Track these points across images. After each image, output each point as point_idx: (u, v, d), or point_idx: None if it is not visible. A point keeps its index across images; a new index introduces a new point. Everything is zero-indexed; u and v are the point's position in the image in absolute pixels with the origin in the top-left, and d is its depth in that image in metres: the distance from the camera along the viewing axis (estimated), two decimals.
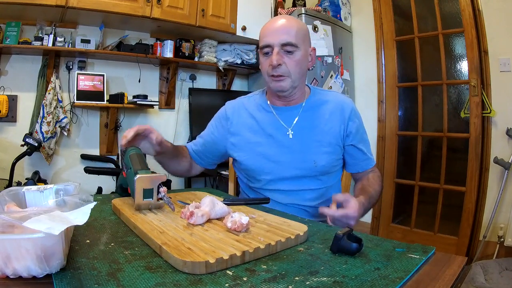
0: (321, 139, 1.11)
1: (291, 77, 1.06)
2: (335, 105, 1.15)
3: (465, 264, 0.61)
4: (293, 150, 1.10)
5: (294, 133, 1.11)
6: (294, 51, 1.04)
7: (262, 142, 1.13)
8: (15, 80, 2.21)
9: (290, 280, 0.51)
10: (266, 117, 1.15)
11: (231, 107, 1.23)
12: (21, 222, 0.46)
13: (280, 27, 1.05)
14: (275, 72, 1.05)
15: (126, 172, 0.87)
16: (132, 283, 0.48)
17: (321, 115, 1.13)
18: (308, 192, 1.12)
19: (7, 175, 2.01)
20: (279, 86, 1.07)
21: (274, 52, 1.04)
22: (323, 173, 1.12)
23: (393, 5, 2.83)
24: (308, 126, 1.12)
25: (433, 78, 2.65)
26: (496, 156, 2.29)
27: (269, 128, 1.13)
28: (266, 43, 1.06)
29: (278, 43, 1.03)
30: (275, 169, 1.11)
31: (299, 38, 1.05)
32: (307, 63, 1.11)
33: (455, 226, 2.47)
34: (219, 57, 2.82)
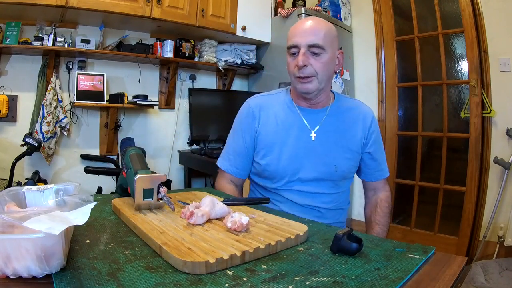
0: (343, 145, 1.13)
1: (317, 78, 1.06)
2: (358, 113, 1.17)
3: (465, 264, 0.61)
4: (316, 153, 1.11)
5: (317, 136, 1.11)
6: (321, 53, 1.04)
7: (285, 142, 1.12)
8: (15, 80, 2.21)
9: (290, 280, 0.51)
10: (290, 117, 1.14)
11: (256, 104, 1.19)
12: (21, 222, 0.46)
13: (308, 29, 1.04)
14: (301, 74, 1.05)
15: (126, 172, 0.88)
16: (132, 283, 0.48)
17: (345, 121, 1.15)
18: (324, 196, 1.13)
19: (7, 175, 2.01)
20: (305, 88, 1.07)
21: (300, 53, 1.03)
22: (341, 178, 1.14)
23: (393, 5, 2.84)
24: (331, 130, 1.13)
25: (433, 78, 2.66)
26: (496, 156, 2.29)
27: (293, 128, 1.13)
28: (293, 43, 1.05)
29: (305, 44, 1.03)
30: (296, 170, 1.11)
31: (327, 41, 1.04)
32: (334, 66, 1.10)
33: (455, 226, 2.48)
34: (219, 57, 2.82)
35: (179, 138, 2.88)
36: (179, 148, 2.86)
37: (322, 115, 1.13)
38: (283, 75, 2.81)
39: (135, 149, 0.90)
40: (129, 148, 0.91)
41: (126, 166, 0.87)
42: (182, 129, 2.89)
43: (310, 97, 1.11)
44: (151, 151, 2.72)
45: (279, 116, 1.15)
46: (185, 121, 2.88)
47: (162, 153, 2.81)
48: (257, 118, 1.16)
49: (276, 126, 1.14)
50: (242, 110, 1.22)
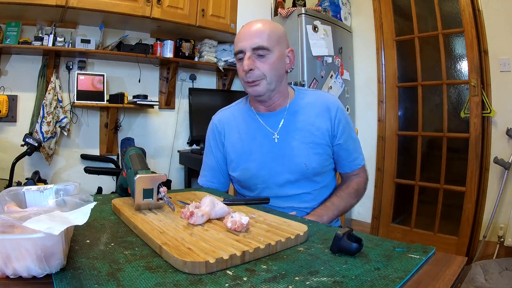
0: (310, 141, 1.10)
1: (266, 80, 1.05)
2: (320, 104, 1.13)
3: (465, 264, 0.61)
4: (282, 155, 1.10)
5: (280, 137, 1.10)
6: (267, 54, 1.03)
7: (251, 151, 1.13)
8: (15, 80, 2.21)
9: (290, 280, 0.51)
10: (252, 124, 1.15)
11: (219, 120, 1.22)
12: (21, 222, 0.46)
13: (251, 32, 1.04)
14: (248, 78, 1.05)
15: (126, 172, 0.88)
16: (132, 283, 0.48)
17: (307, 117, 1.12)
18: (304, 195, 1.12)
19: (7, 175, 2.01)
20: (254, 90, 1.07)
21: (245, 57, 1.03)
22: (316, 174, 1.11)
23: (393, 5, 2.84)
24: (294, 129, 1.11)
25: (433, 78, 2.66)
26: (496, 156, 2.29)
27: (256, 134, 1.13)
28: (238, 48, 1.06)
29: (249, 47, 1.03)
30: (267, 177, 1.11)
31: (271, 41, 1.04)
32: (284, 65, 1.09)
33: (455, 226, 2.48)
34: (219, 57, 2.82)
35: (179, 138, 2.88)
36: (179, 148, 2.86)
37: (281, 115, 1.12)
38: None
39: (135, 149, 0.90)
40: (129, 148, 0.91)
41: (126, 166, 0.87)
42: (182, 129, 2.89)
43: (263, 99, 1.10)
44: (151, 151, 2.72)
45: (241, 127, 1.16)
46: (185, 121, 2.88)
47: (162, 153, 2.81)
48: (222, 134, 1.19)
49: (240, 137, 1.15)
50: (209, 127, 1.25)
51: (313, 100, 1.14)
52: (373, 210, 2.93)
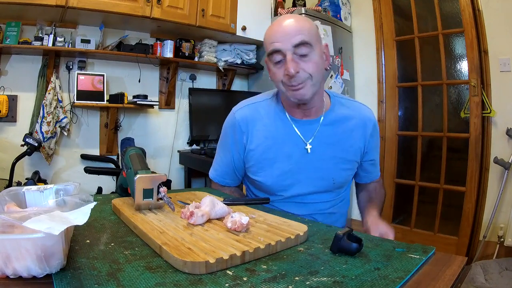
0: (341, 156, 1.04)
1: (312, 80, 0.93)
2: (358, 120, 1.07)
3: (465, 264, 0.61)
4: (312, 167, 1.03)
5: (312, 148, 1.02)
6: (310, 52, 0.91)
7: (277, 157, 1.03)
8: (15, 80, 2.21)
9: (290, 280, 0.51)
10: (282, 128, 1.04)
11: (243, 118, 1.07)
12: (21, 222, 0.46)
13: (289, 28, 0.91)
14: (294, 82, 0.92)
15: (126, 172, 0.88)
16: (132, 283, 0.48)
17: (342, 131, 1.05)
18: (323, 204, 1.10)
19: (7, 175, 2.01)
20: (299, 94, 0.94)
21: (287, 59, 0.90)
22: (340, 187, 1.11)
23: (393, 5, 2.84)
24: (328, 142, 1.03)
25: (433, 78, 2.66)
26: (496, 156, 2.29)
27: (286, 141, 1.03)
28: (275, 48, 0.91)
29: (291, 46, 0.89)
30: (292, 186, 1.04)
31: (312, 36, 0.92)
32: (324, 63, 0.98)
33: (455, 226, 2.48)
34: (219, 57, 2.82)
35: (179, 138, 2.88)
36: (179, 148, 2.86)
37: (317, 124, 1.03)
38: None
39: (135, 149, 0.90)
40: (129, 148, 0.91)
41: (126, 166, 0.87)
42: (182, 129, 2.89)
43: (305, 102, 0.99)
44: (151, 151, 2.72)
45: (270, 129, 1.04)
46: (185, 121, 2.88)
47: (162, 153, 2.81)
48: (245, 133, 1.06)
49: (267, 140, 1.04)
50: (229, 123, 1.11)
51: (350, 113, 1.07)
52: None
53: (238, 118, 1.08)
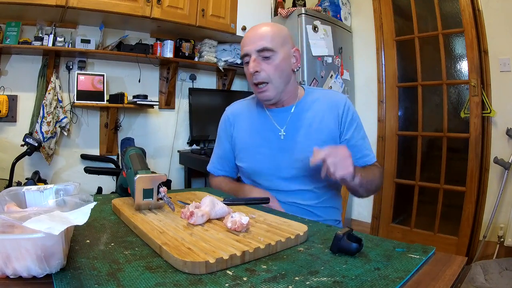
0: (316, 137, 1.11)
1: (272, 83, 1.07)
2: (328, 102, 1.14)
3: (465, 264, 0.61)
4: (288, 150, 1.12)
5: (286, 134, 1.13)
6: (271, 55, 1.05)
7: (258, 144, 1.16)
8: (15, 80, 2.21)
9: (290, 280, 0.51)
10: (261, 119, 1.18)
11: (231, 112, 1.27)
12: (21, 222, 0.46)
13: (255, 35, 1.07)
14: (255, 80, 1.08)
15: (126, 172, 0.88)
16: (132, 283, 0.48)
17: (314, 114, 1.13)
18: (307, 192, 1.13)
19: (7, 175, 2.01)
20: (263, 96, 1.10)
21: (251, 60, 1.06)
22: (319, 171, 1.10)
23: (393, 5, 2.84)
24: (301, 125, 1.13)
25: (433, 78, 2.66)
26: (496, 156, 2.29)
27: (264, 129, 1.16)
28: (244, 52, 1.09)
29: (254, 50, 1.06)
30: (273, 170, 1.13)
31: (275, 42, 1.06)
32: (290, 65, 1.11)
33: (455, 226, 2.48)
34: (219, 57, 2.82)
35: (179, 138, 2.88)
36: (179, 148, 2.86)
37: (289, 112, 1.15)
38: None
39: (135, 149, 0.90)
40: (129, 148, 0.91)
41: (126, 166, 0.87)
42: (182, 129, 2.89)
43: (272, 103, 1.14)
44: (151, 151, 2.72)
45: (252, 120, 1.20)
46: (185, 121, 2.88)
47: (162, 153, 2.81)
48: (232, 125, 1.24)
49: (250, 130, 1.20)
50: (222, 118, 1.30)
51: (321, 97, 1.16)
52: (373, 210, 2.93)
53: (228, 113, 1.29)
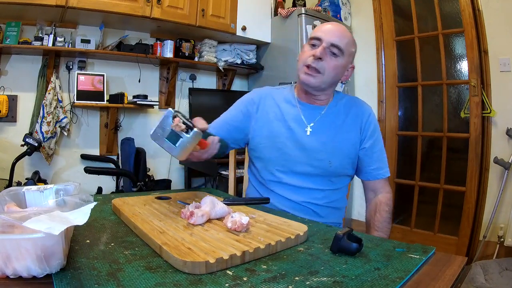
0: (339, 141, 1.13)
1: (323, 76, 1.07)
2: (355, 110, 1.18)
3: (465, 264, 0.61)
4: (310, 147, 1.12)
5: (312, 131, 1.13)
6: (339, 56, 1.06)
7: (281, 133, 1.14)
8: (15, 80, 2.21)
9: (290, 280, 0.51)
10: (290, 110, 1.16)
11: (258, 93, 1.23)
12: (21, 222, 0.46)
13: (336, 30, 1.08)
14: (313, 63, 1.06)
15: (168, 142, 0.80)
16: (132, 283, 0.48)
17: (341, 118, 1.16)
18: (318, 192, 1.13)
19: (7, 175, 2.01)
20: (308, 79, 1.08)
21: (321, 46, 1.05)
22: (336, 174, 1.13)
23: (393, 5, 2.84)
24: (327, 127, 1.14)
25: (433, 78, 2.66)
26: (496, 156, 2.29)
27: (291, 120, 1.15)
28: (317, 35, 1.07)
29: (328, 41, 1.05)
30: (289, 162, 1.12)
31: (347, 48, 1.08)
32: (343, 74, 1.12)
33: (455, 226, 2.47)
34: (219, 57, 2.82)
35: None
36: None
37: (320, 111, 1.15)
38: (283, 75, 2.81)
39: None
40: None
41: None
42: None
43: (310, 91, 1.12)
44: (151, 151, 2.72)
45: (279, 109, 1.17)
46: None
47: (162, 153, 2.81)
48: (256, 104, 1.20)
49: (274, 116, 1.17)
50: (246, 95, 1.26)
51: (349, 104, 1.19)
52: None
53: (254, 94, 1.24)
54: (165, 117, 0.78)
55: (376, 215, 1.15)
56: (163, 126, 0.77)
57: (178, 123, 0.76)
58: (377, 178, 1.18)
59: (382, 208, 1.15)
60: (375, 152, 1.17)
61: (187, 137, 0.77)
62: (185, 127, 0.77)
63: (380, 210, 1.15)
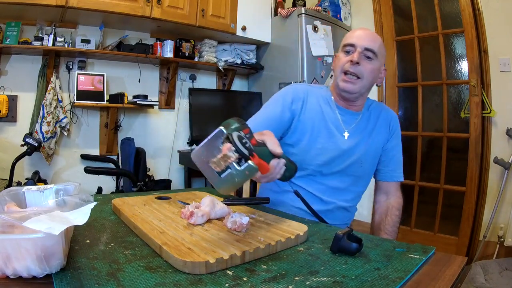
0: (370, 144, 1.17)
1: (362, 81, 1.09)
2: (385, 115, 1.22)
3: (465, 264, 0.61)
4: (346, 152, 1.14)
5: (349, 136, 1.15)
6: (373, 59, 1.08)
7: (322, 134, 1.14)
8: (15, 80, 2.21)
9: (290, 280, 0.51)
10: (330, 112, 1.17)
11: (302, 90, 1.19)
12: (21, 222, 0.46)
13: (367, 35, 1.10)
14: (351, 69, 1.07)
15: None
16: (132, 283, 0.48)
17: (373, 123, 1.19)
18: (347, 193, 1.16)
19: (7, 175, 2.01)
20: (348, 86, 1.09)
21: (356, 51, 1.07)
22: (364, 176, 1.18)
23: (393, 5, 2.83)
24: (362, 132, 1.17)
25: (433, 78, 2.66)
26: (496, 156, 2.29)
27: (330, 123, 1.15)
28: (351, 42, 1.09)
29: (362, 45, 1.07)
30: (323, 164, 1.13)
31: (380, 51, 1.10)
32: (377, 77, 1.14)
33: (455, 226, 2.47)
34: (219, 57, 2.82)
35: (179, 138, 2.88)
36: (179, 148, 2.86)
37: (356, 117, 1.17)
38: (283, 75, 2.81)
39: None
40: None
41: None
42: (182, 129, 2.89)
43: (349, 98, 1.14)
44: (151, 151, 2.72)
45: (320, 107, 1.17)
46: (185, 121, 2.87)
47: (162, 153, 2.81)
48: (301, 100, 1.16)
49: (316, 115, 1.15)
50: (285, 90, 1.20)
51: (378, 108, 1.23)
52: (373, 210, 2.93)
53: (299, 88, 1.20)
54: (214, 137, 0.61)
55: (387, 218, 1.20)
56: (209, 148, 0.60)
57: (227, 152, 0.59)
58: (392, 180, 1.24)
59: (393, 213, 1.20)
60: (394, 154, 1.23)
61: (238, 170, 0.59)
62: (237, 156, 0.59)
63: (392, 214, 1.20)
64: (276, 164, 0.73)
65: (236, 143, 0.59)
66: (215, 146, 0.60)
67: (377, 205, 1.27)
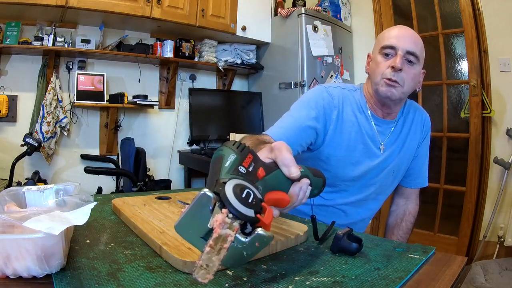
0: (404, 152, 1.10)
1: (403, 88, 0.98)
2: (419, 119, 1.14)
3: (465, 264, 0.61)
4: (381, 165, 1.07)
5: (385, 148, 1.07)
6: (415, 63, 0.99)
7: (358, 149, 1.04)
8: (15, 80, 2.21)
9: (290, 280, 0.51)
10: (365, 123, 1.05)
11: (337, 94, 1.05)
12: (21, 222, 0.46)
13: (408, 35, 0.99)
14: (393, 76, 0.96)
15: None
16: (132, 283, 0.48)
17: (408, 131, 1.11)
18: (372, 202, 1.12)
19: (7, 175, 2.01)
20: (389, 91, 0.97)
21: (398, 55, 0.96)
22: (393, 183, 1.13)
23: (393, 5, 2.84)
24: (396, 140, 1.09)
25: (433, 78, 2.66)
26: (496, 156, 2.29)
27: (366, 135, 1.05)
28: (391, 44, 0.98)
29: (404, 49, 0.96)
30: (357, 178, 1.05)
31: (421, 55, 1.00)
32: (417, 82, 1.05)
33: (455, 226, 2.48)
34: (219, 57, 2.83)
35: (179, 138, 2.88)
36: (179, 148, 2.86)
37: (391, 126, 1.08)
38: (283, 75, 2.81)
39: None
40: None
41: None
42: (182, 129, 2.89)
43: (389, 105, 1.03)
44: (151, 151, 2.72)
45: (355, 117, 1.04)
46: (185, 121, 2.88)
47: (162, 153, 2.81)
48: (336, 108, 1.02)
49: (351, 127, 1.03)
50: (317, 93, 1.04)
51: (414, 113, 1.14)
52: None
53: (331, 93, 1.04)
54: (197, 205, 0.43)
55: (401, 224, 1.16)
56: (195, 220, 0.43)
57: (220, 231, 0.40)
58: (416, 187, 1.19)
59: (409, 220, 1.16)
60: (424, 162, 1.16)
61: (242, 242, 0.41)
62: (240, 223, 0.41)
63: (407, 221, 1.16)
64: (298, 191, 0.55)
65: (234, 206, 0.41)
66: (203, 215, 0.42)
67: (394, 207, 1.22)
